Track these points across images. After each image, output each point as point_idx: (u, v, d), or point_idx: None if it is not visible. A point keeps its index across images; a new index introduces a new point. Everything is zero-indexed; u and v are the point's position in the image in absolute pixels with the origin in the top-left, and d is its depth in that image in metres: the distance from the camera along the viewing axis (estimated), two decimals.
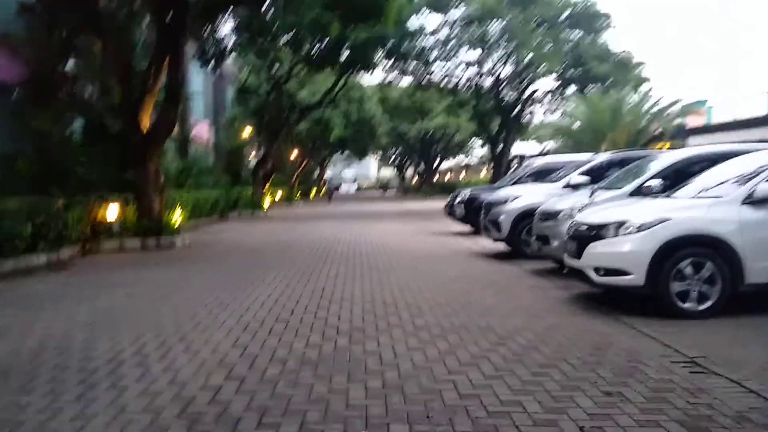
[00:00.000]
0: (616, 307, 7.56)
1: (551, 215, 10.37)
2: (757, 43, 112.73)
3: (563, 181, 12.57)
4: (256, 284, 9.42)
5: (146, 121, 14.99)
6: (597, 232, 7.66)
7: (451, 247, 14.63)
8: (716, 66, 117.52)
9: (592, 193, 9.91)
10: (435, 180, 69.50)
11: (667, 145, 20.53)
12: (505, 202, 12.77)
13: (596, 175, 12.40)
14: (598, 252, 7.58)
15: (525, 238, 12.42)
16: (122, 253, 14.51)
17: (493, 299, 8.16)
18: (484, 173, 54.16)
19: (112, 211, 15.49)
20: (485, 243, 15.05)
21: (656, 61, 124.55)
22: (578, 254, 7.84)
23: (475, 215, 17.81)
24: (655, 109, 22.94)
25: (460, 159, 77.74)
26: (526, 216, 12.40)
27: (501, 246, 13.51)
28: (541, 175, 17.52)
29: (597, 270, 7.55)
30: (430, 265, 11.47)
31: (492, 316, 7.13)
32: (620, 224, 7.47)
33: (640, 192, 9.45)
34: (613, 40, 79.56)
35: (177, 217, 15.84)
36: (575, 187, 12.21)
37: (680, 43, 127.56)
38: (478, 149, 74.50)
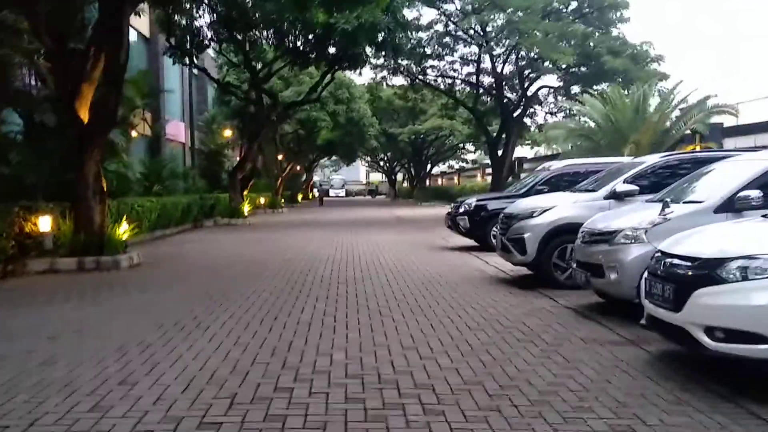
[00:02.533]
0: (727, 382, 4.90)
1: (604, 236, 7.63)
2: (758, 27, 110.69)
3: (604, 190, 9.88)
4: (194, 336, 6.62)
5: (85, 113, 12.18)
6: (710, 271, 4.94)
7: (460, 269, 11.88)
8: (717, 49, 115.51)
9: (663, 207, 7.18)
10: (427, 185, 66.85)
11: (698, 146, 17.99)
12: (531, 215, 10.03)
13: (646, 182, 9.82)
14: (713, 304, 4.86)
15: (556, 262, 9.74)
16: (52, 275, 11.69)
17: (544, 370, 5.40)
18: (479, 178, 51.50)
19: (44, 223, 12.68)
20: (498, 261, 12.40)
21: (658, 47, 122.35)
22: (676, 304, 5.12)
23: (483, 228, 15.22)
24: (683, 107, 20.29)
25: (453, 163, 75.07)
26: (559, 234, 9.72)
27: (516, 266, 10.83)
28: (562, 181, 14.96)
29: (711, 331, 4.85)
30: (439, 299, 8.71)
31: (553, 412, 4.38)
32: (749, 260, 4.78)
33: (731, 207, 6.78)
34: (630, 31, 74.91)
35: (124, 230, 13.00)
36: (620, 197, 9.60)
37: (681, 26, 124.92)
38: (471, 153, 72.21)
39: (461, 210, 15.68)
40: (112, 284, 10.42)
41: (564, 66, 28.19)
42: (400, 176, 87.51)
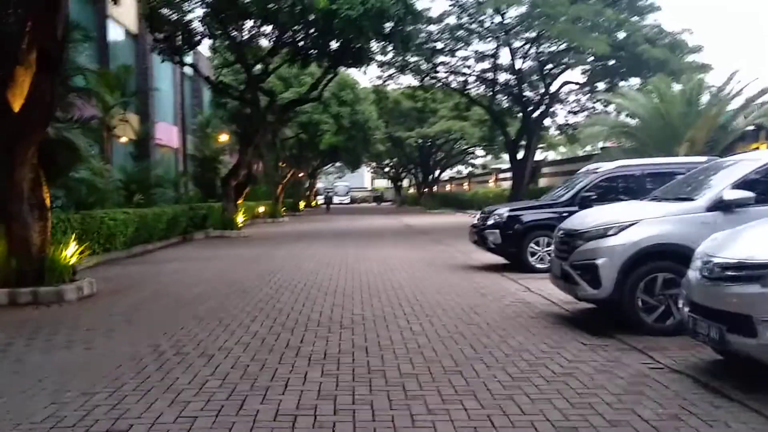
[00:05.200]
0: None
1: (751, 271, 4.95)
2: None
3: (705, 199, 7.20)
4: None
5: (19, 103, 9.56)
6: None
7: (499, 301, 9.16)
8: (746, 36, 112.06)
9: None
10: (435, 191, 64.11)
11: (764, 145, 15.34)
12: (605, 234, 7.33)
13: (760, 187, 7.17)
14: None
15: (644, 297, 7.05)
16: None
17: None
18: (491, 184, 48.71)
19: None
20: (541, 287, 9.91)
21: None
22: None
23: (517, 244, 12.59)
24: (740, 99, 17.57)
25: (462, 168, 72.32)
26: (647, 259, 7.06)
27: (581, 301, 8.12)
28: (614, 186, 12.41)
29: None
30: (487, 359, 5.96)
31: None
32: None
33: None
34: (665, 19, 68.55)
35: (72, 252, 10.33)
36: (730, 207, 6.99)
37: (701, 16, 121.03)
38: (481, 158, 69.63)
39: (490, 222, 13.00)
40: (38, 328, 7.75)
41: (594, 57, 25.34)
42: (406, 182, 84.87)
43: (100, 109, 18.34)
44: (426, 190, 63.73)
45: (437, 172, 66.95)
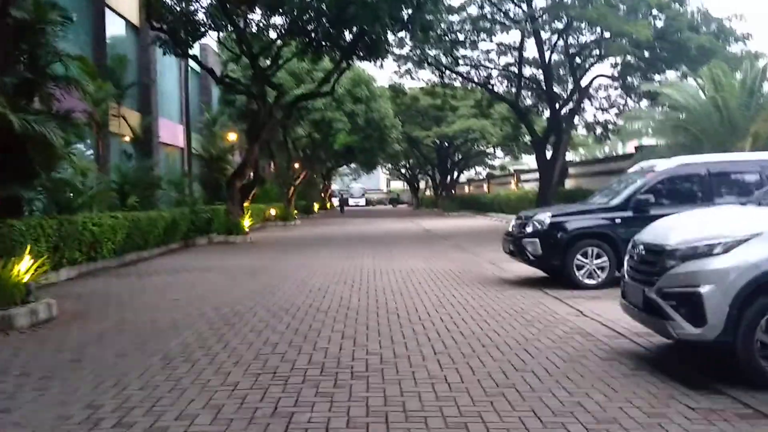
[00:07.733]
0: None
1: None
2: None
3: None
4: None
5: None
6: None
7: (550, 331, 7.20)
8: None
9: None
10: (453, 193, 62.03)
11: None
12: (709, 251, 5.39)
13: None
14: None
15: (765, 340, 5.12)
16: None
17: None
18: (512, 185, 46.60)
19: None
20: (596, 309, 8.10)
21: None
22: None
23: (562, 257, 10.67)
24: None
25: (480, 170, 70.18)
26: None
27: (633, 322, 6.17)
28: (677, 187, 10.53)
29: None
30: (560, 430, 4.16)
31: None
32: None
33: None
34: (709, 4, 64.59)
35: (24, 268, 8.52)
36: None
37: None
38: (499, 159, 67.61)
39: (529, 230, 11.05)
40: None
41: (633, 45, 23.18)
42: (422, 184, 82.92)
43: (89, 102, 16.59)
44: (444, 192, 61.70)
45: (455, 174, 64.89)
